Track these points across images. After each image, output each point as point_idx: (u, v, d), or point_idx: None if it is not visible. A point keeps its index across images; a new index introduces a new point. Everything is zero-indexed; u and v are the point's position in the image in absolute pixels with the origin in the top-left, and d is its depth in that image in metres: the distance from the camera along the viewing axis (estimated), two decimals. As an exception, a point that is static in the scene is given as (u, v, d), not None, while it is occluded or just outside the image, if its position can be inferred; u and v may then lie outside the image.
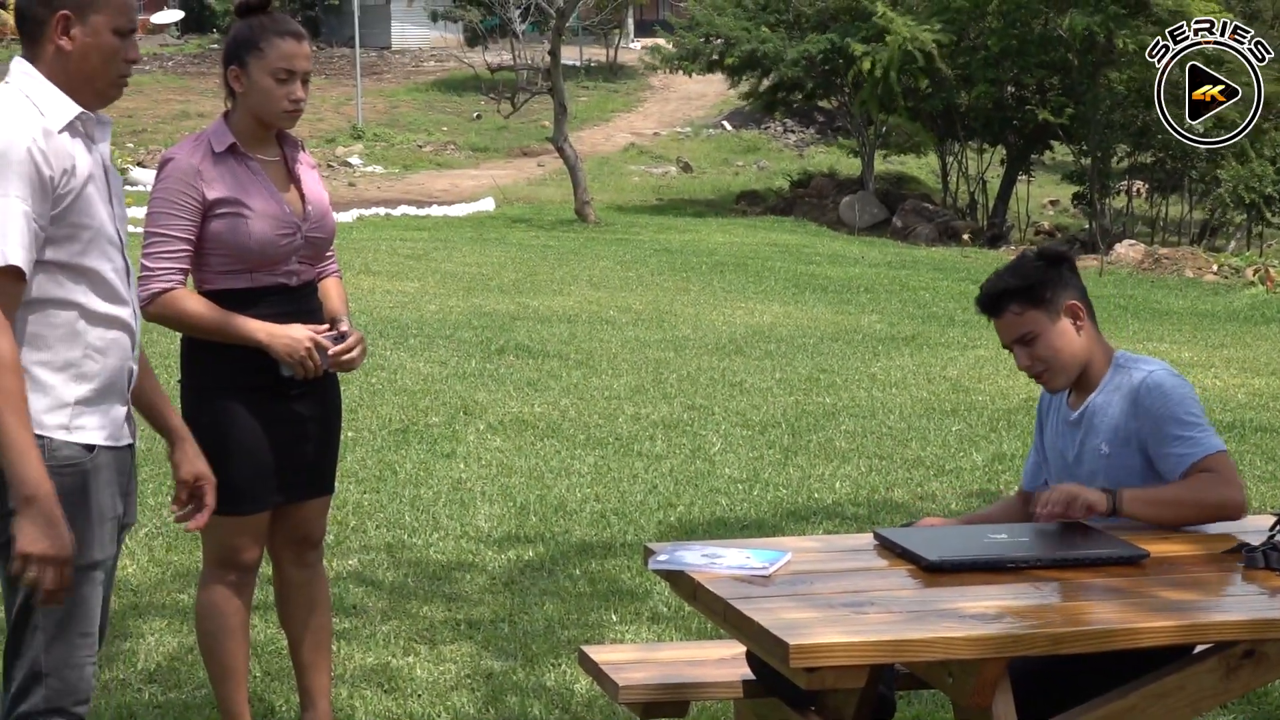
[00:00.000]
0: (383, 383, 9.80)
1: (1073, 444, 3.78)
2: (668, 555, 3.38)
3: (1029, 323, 3.71)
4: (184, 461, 3.40)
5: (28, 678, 3.10)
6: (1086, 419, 3.75)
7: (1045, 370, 3.74)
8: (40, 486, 2.92)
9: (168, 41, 45.61)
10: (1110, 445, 3.69)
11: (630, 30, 46.47)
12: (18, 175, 2.98)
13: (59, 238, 3.06)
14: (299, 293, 4.05)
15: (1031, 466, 4.01)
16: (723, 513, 6.96)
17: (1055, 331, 3.71)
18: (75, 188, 3.07)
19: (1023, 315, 3.70)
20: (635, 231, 22.04)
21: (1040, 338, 3.71)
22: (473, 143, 33.75)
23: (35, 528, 2.91)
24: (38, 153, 3.00)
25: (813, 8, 25.59)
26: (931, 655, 2.93)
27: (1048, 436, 3.92)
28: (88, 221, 3.10)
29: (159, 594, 5.59)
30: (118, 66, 3.17)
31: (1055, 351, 3.71)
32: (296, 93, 3.97)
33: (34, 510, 2.91)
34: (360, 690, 4.70)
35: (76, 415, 3.09)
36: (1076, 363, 3.74)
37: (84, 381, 3.11)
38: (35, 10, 3.12)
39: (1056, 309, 3.71)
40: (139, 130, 31.52)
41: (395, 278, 15.61)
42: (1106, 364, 3.77)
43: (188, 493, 3.42)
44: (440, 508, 6.89)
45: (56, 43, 3.11)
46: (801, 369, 10.96)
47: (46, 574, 2.94)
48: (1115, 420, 3.69)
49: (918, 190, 27.14)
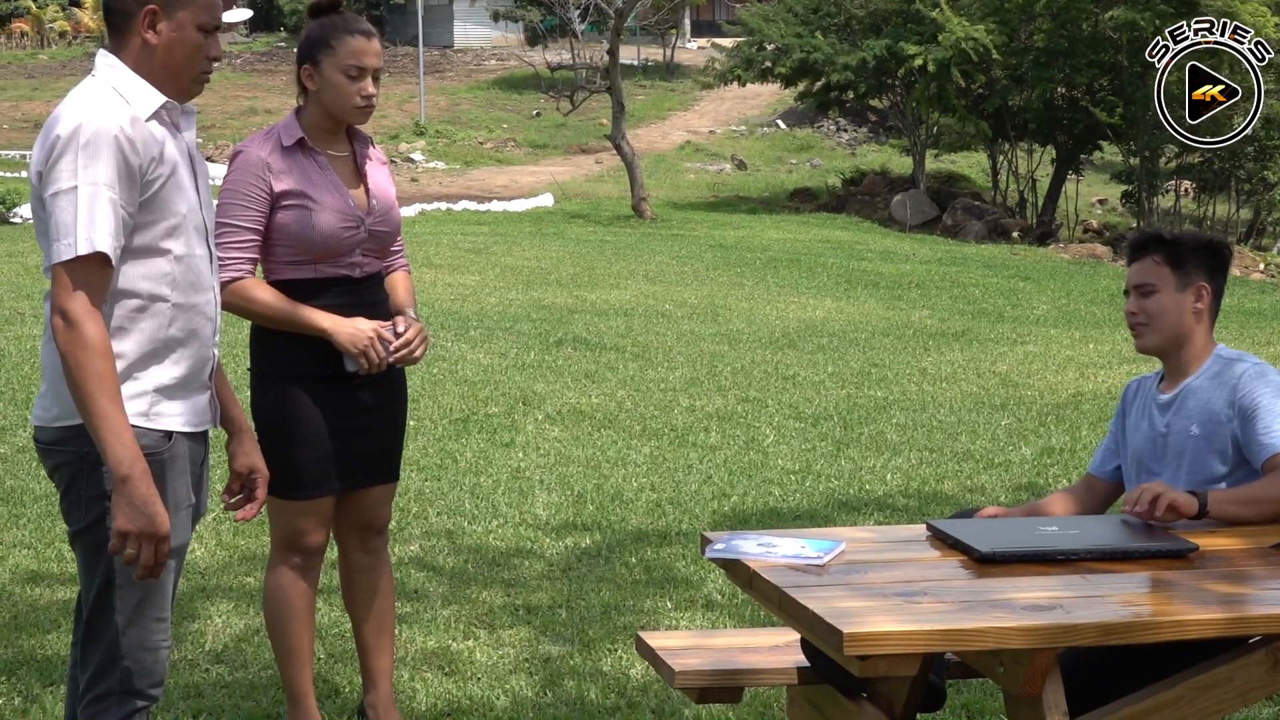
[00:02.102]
0: (444, 373, 9.91)
1: (1161, 422, 3.83)
2: (724, 544, 3.42)
3: (1157, 276, 3.82)
4: (239, 453, 3.45)
5: (104, 660, 3.16)
6: (1179, 401, 3.81)
7: (1145, 324, 3.84)
8: (135, 466, 2.97)
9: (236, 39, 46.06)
10: (1201, 427, 3.74)
11: (687, 30, 46.49)
12: (106, 163, 3.00)
13: (146, 224, 3.09)
14: (363, 284, 4.12)
15: (1103, 452, 4.04)
16: (775, 503, 7.03)
17: (1174, 297, 3.81)
18: (163, 175, 3.10)
19: (1157, 267, 3.82)
20: (690, 227, 22.09)
21: (1158, 294, 3.82)
22: (532, 140, 33.90)
23: (131, 506, 2.96)
24: (125, 141, 3.02)
25: (864, 10, 25.52)
26: (983, 645, 2.96)
27: (1130, 422, 3.95)
28: (175, 208, 3.13)
29: (226, 577, 5.70)
30: (200, 63, 3.19)
31: (1162, 312, 3.81)
32: (368, 88, 4.04)
33: (129, 489, 2.96)
34: (421, 672, 4.78)
35: (156, 402, 3.14)
36: (1175, 335, 3.82)
37: (166, 368, 3.15)
38: (124, 3, 3.15)
39: (1188, 280, 3.82)
40: (208, 125, 31.88)
41: (456, 271, 15.73)
42: (1207, 355, 3.84)
43: (240, 484, 3.48)
44: (499, 495, 6.98)
45: (143, 36, 3.14)
46: (853, 363, 11.00)
47: (143, 551, 2.99)
48: (1209, 405, 3.75)
49: (968, 189, 27.09)
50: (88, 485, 3.12)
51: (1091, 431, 8.64)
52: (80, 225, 2.98)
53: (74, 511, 3.17)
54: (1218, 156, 22.42)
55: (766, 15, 26.90)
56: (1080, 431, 8.71)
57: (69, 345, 2.97)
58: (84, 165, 3.00)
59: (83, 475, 3.12)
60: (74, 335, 2.97)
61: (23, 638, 5.00)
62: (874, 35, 25.07)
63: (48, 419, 3.16)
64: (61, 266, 2.99)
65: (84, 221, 2.98)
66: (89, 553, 3.16)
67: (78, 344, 2.96)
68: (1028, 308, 15.14)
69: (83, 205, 2.99)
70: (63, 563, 5.73)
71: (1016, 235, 22.94)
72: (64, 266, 2.99)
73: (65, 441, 3.12)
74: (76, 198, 2.99)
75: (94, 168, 3.00)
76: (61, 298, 2.99)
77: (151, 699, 3.22)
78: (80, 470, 3.12)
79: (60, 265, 2.99)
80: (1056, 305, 15.47)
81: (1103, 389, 10.16)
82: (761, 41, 26.49)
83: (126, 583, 3.12)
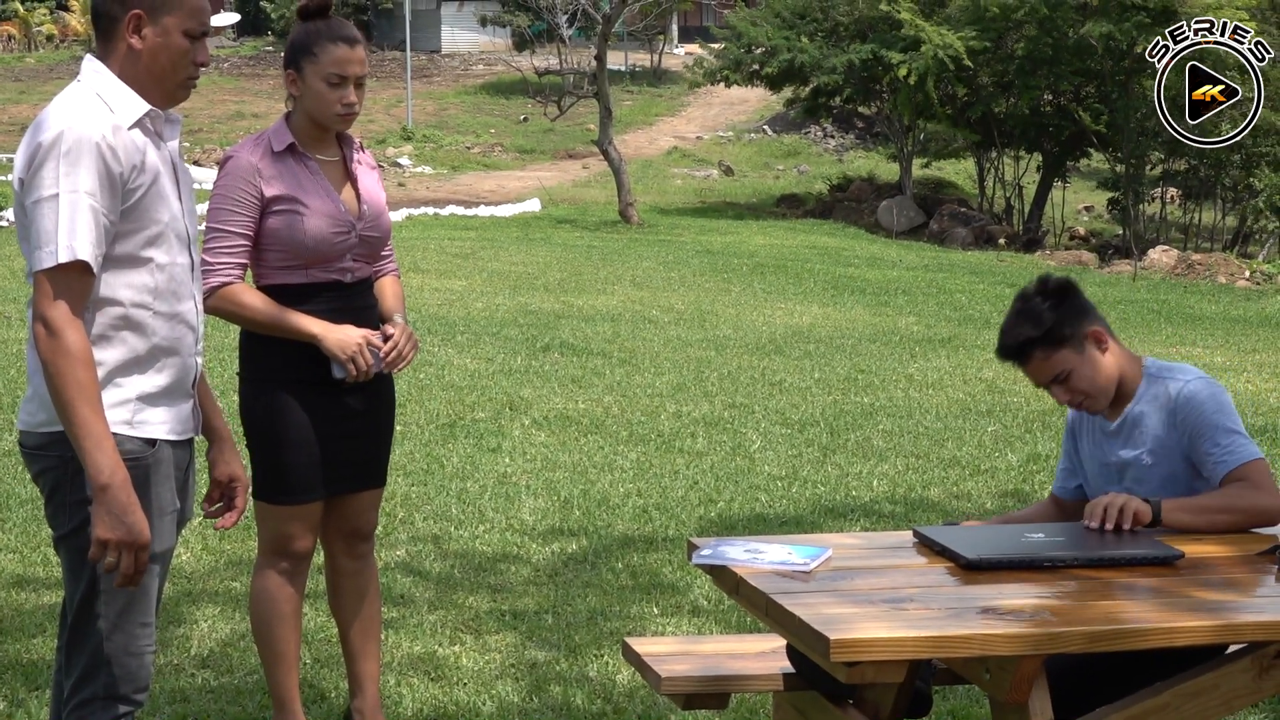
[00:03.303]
0: (431, 378, 9.91)
1: (1113, 453, 3.82)
2: (711, 550, 3.43)
3: (1058, 363, 3.72)
4: (220, 462, 3.46)
5: (89, 665, 3.16)
6: (1126, 429, 3.79)
7: (1085, 399, 3.77)
8: (115, 475, 2.97)
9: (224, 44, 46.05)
10: (1153, 455, 3.74)
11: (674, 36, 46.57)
12: (87, 170, 3.00)
13: (127, 233, 3.09)
14: (353, 289, 4.12)
15: (1062, 473, 4.04)
16: (762, 509, 7.03)
17: (1085, 363, 3.73)
18: (144, 183, 3.10)
19: (1049, 358, 3.72)
20: (677, 233, 22.10)
21: (1074, 373, 3.73)
22: (519, 145, 33.90)
23: (111, 515, 2.97)
24: (106, 149, 3.02)
25: (849, 17, 25.63)
26: (970, 651, 2.97)
27: (1084, 448, 3.94)
28: (157, 217, 3.13)
29: (212, 581, 5.69)
30: (186, 68, 3.19)
31: (1090, 381, 3.74)
32: (348, 97, 4.03)
33: (109, 497, 2.97)
34: (407, 678, 4.78)
35: (139, 410, 3.13)
36: (1112, 385, 3.78)
37: (148, 376, 3.15)
38: (110, 8, 3.14)
39: (1080, 341, 3.73)
40: (195, 130, 31.84)
41: (443, 276, 15.73)
42: (1139, 375, 3.80)
43: (220, 492, 3.48)
44: (486, 501, 6.98)
45: (128, 41, 3.14)
46: (840, 369, 11.01)
47: (123, 559, 3.00)
48: (1155, 431, 3.73)
49: (955, 195, 27.18)
50: (72, 490, 3.11)
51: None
52: (61, 233, 2.98)
53: (58, 516, 3.17)
54: (1203, 164, 22.51)
55: (754, 20, 27.00)
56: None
57: (50, 353, 2.98)
58: (65, 173, 3.00)
59: (67, 480, 3.12)
60: (55, 344, 2.97)
61: (7, 642, 4.99)
62: (860, 41, 25.15)
63: (33, 424, 3.16)
64: (43, 274, 3.00)
65: (65, 229, 2.98)
66: (73, 557, 3.15)
67: (59, 352, 2.97)
68: (1014, 314, 15.16)
69: (64, 213, 2.99)
70: (48, 567, 5.72)
71: (1003, 242, 23.02)
72: (45, 274, 2.99)
73: (50, 447, 3.12)
74: (58, 205, 2.99)
75: (75, 175, 3.00)
76: (43, 306, 2.99)
77: (136, 704, 3.21)
78: (65, 475, 3.12)
79: (42, 273, 3.00)
80: (1043, 312, 15.49)
81: (1089, 396, 10.18)
82: (750, 44, 26.56)
83: (111, 588, 3.11)
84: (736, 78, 27.13)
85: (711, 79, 27.90)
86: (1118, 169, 23.55)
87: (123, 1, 3.13)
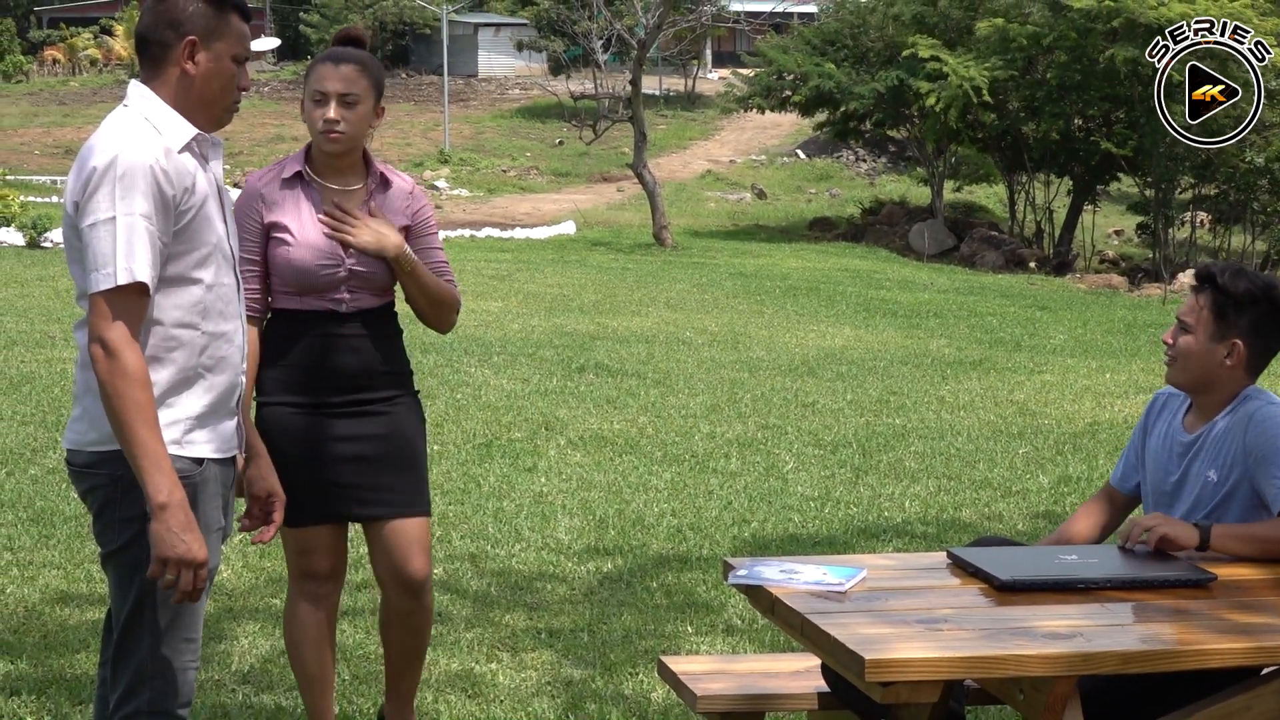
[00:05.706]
0: (467, 399, 9.97)
1: (1178, 469, 3.79)
2: (747, 570, 3.45)
3: (1197, 318, 3.76)
4: (258, 478, 3.51)
5: (134, 679, 3.18)
6: (1201, 444, 3.75)
7: (1173, 359, 3.80)
8: (174, 494, 3.01)
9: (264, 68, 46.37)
10: (1219, 473, 3.69)
11: (708, 61, 46.74)
12: (142, 194, 3.04)
13: (178, 254, 3.13)
14: (349, 320, 4.05)
15: (1124, 467, 3.99)
16: (795, 529, 7.06)
17: (1204, 344, 3.74)
18: (195, 205, 3.15)
19: (1200, 309, 3.77)
20: (711, 256, 22.16)
21: (1191, 335, 3.76)
22: (555, 168, 34.08)
23: (171, 533, 3.00)
24: (160, 172, 3.07)
25: (878, 44, 25.74)
26: (1004, 672, 3.00)
27: (1151, 443, 3.90)
28: (206, 238, 3.18)
29: (253, 598, 5.75)
30: (233, 93, 3.25)
31: (1189, 355, 3.75)
32: (329, 113, 3.95)
33: (168, 516, 3.00)
34: (445, 695, 4.82)
35: (188, 430, 3.17)
36: (1200, 380, 3.76)
37: (197, 396, 3.19)
38: (163, 34, 3.19)
39: (1224, 333, 3.73)
40: (235, 153, 32.11)
41: (480, 297, 15.80)
42: (1234, 396, 3.76)
43: (259, 507, 3.52)
44: (522, 520, 7.03)
45: (182, 66, 3.19)
46: (872, 391, 11.03)
47: (182, 576, 3.03)
48: (1228, 447, 3.69)
49: (986, 219, 27.21)
50: (122, 508, 3.15)
51: (1108, 460, 8.65)
52: (119, 255, 3.03)
53: (108, 533, 3.20)
54: (1233, 188, 22.45)
55: (785, 47, 27.13)
56: (1097, 460, 8.73)
57: (109, 375, 3.01)
58: (121, 196, 3.04)
59: (117, 498, 3.15)
60: (114, 365, 3.01)
61: (52, 657, 5.05)
62: (888, 66, 25.24)
63: (82, 443, 3.19)
64: (101, 296, 3.03)
65: (123, 252, 3.03)
66: (122, 574, 3.19)
67: (117, 373, 3.01)
68: (1045, 337, 15.16)
69: (121, 236, 3.03)
70: (92, 583, 5.79)
71: (1033, 265, 23.04)
72: (103, 296, 3.03)
73: (99, 465, 3.16)
74: (115, 228, 3.03)
75: (131, 199, 3.04)
76: (101, 327, 3.03)
77: (179, 719, 3.24)
78: (115, 493, 3.15)
79: (99, 295, 3.03)
80: (1073, 335, 15.48)
81: (1119, 418, 10.17)
82: (780, 71, 26.69)
83: (157, 604, 3.15)
84: (767, 104, 27.26)
85: (743, 105, 28.04)
86: (1147, 193, 23.52)
87: (176, 28, 3.18)
